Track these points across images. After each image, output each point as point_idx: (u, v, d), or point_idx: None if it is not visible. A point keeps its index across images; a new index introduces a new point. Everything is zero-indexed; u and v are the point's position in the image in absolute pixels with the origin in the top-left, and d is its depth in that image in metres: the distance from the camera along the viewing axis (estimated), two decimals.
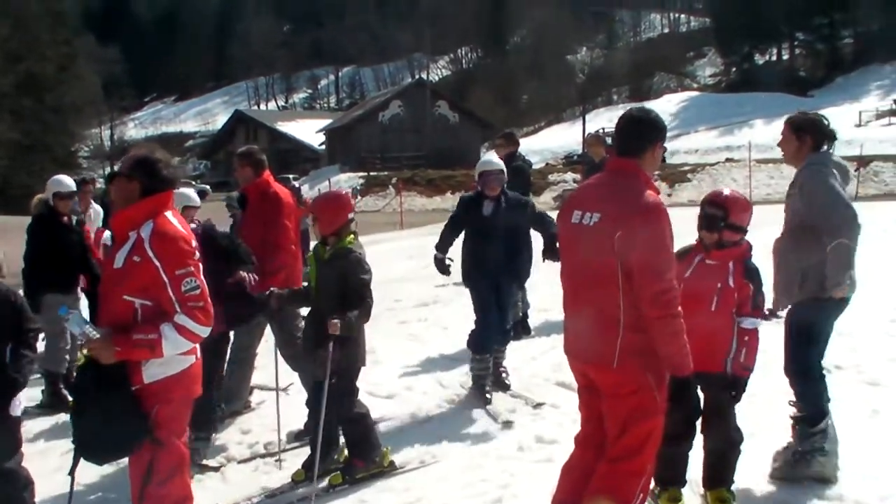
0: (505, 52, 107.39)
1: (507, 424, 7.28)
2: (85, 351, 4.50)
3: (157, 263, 4.38)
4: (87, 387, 4.51)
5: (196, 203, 7.79)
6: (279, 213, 7.78)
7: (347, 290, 6.11)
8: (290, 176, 45.69)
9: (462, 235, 8.43)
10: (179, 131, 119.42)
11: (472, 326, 8.31)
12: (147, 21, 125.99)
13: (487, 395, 7.99)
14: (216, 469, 6.90)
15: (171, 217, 4.58)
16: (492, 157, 8.77)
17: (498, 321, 8.18)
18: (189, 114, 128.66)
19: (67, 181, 9.21)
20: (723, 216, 5.24)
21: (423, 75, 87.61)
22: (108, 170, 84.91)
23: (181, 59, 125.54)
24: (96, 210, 10.76)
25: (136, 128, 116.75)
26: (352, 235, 6.32)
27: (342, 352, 6.13)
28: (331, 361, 6.04)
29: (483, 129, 73.07)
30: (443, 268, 8.48)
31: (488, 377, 8.17)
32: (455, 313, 11.85)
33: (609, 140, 11.81)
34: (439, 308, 12.87)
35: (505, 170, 8.25)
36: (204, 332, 4.48)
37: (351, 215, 6.38)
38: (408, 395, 8.44)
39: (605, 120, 63.36)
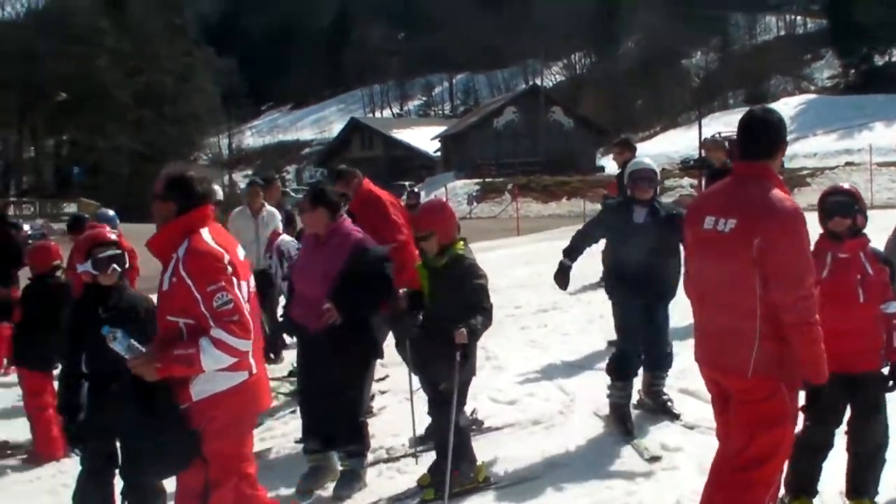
0: (618, 57, 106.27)
1: (655, 460, 6.66)
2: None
3: (189, 282, 4.40)
4: (134, 405, 4.56)
5: None
6: (384, 211, 7.88)
7: (464, 297, 5.97)
8: (407, 183, 46.39)
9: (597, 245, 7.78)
10: (296, 139, 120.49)
11: (593, 334, 8.04)
12: (263, 31, 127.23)
13: (628, 426, 7.25)
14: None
15: (207, 234, 4.57)
16: (644, 158, 7.98)
17: (642, 344, 7.43)
18: (305, 122, 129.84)
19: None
20: (853, 202, 5.20)
21: (537, 81, 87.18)
22: (226, 178, 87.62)
23: (297, 68, 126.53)
24: (269, 211, 10.73)
25: (253, 136, 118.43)
26: (461, 242, 6.23)
27: (466, 361, 5.99)
28: (458, 371, 5.90)
29: (597, 135, 72.40)
30: (564, 277, 7.52)
31: (627, 406, 7.44)
32: (575, 320, 11.82)
33: (728, 144, 11.63)
34: (559, 314, 12.80)
35: (657, 171, 7.68)
36: (243, 345, 4.44)
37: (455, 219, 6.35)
38: (530, 402, 8.38)
39: (720, 124, 61.93)
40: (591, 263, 9.85)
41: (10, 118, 70.24)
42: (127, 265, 5.87)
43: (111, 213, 10.94)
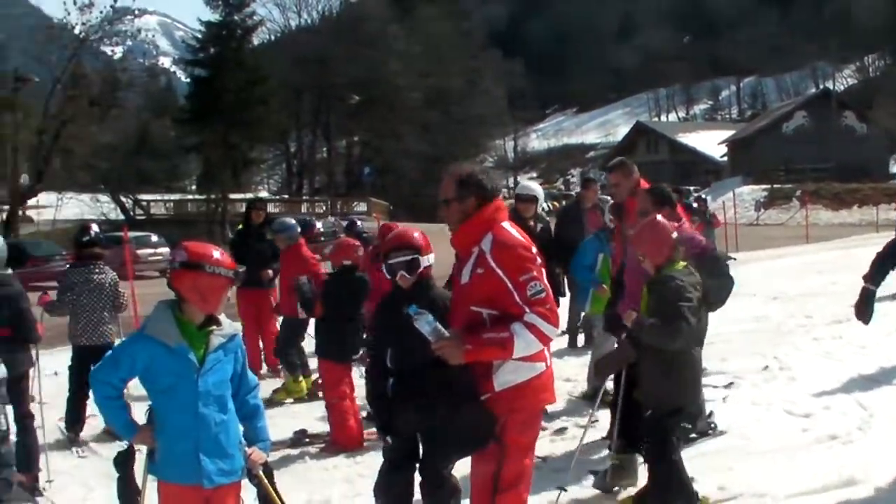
0: None
1: None
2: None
3: (500, 272, 4.48)
4: (434, 388, 4.71)
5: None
6: None
7: (661, 315, 5.71)
8: (692, 188, 44.61)
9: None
10: (580, 142, 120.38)
11: (892, 347, 7.51)
12: (549, 35, 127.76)
13: None
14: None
15: (508, 226, 4.70)
16: None
17: None
18: (590, 125, 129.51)
19: (533, 186, 9.73)
20: None
21: (828, 85, 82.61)
22: (511, 181, 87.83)
23: (582, 71, 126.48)
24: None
25: (538, 139, 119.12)
26: (681, 263, 6.01)
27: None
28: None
29: (891, 142, 69.20)
30: (867, 307, 6.64)
31: None
32: (873, 332, 10.57)
33: None
34: (855, 325, 11.31)
35: None
36: (554, 332, 4.53)
37: (676, 235, 6.07)
38: (825, 415, 7.90)
39: None
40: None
41: (305, 120, 72.36)
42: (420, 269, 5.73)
43: (292, 221, 11.12)
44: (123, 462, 4.81)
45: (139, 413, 4.76)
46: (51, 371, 10.33)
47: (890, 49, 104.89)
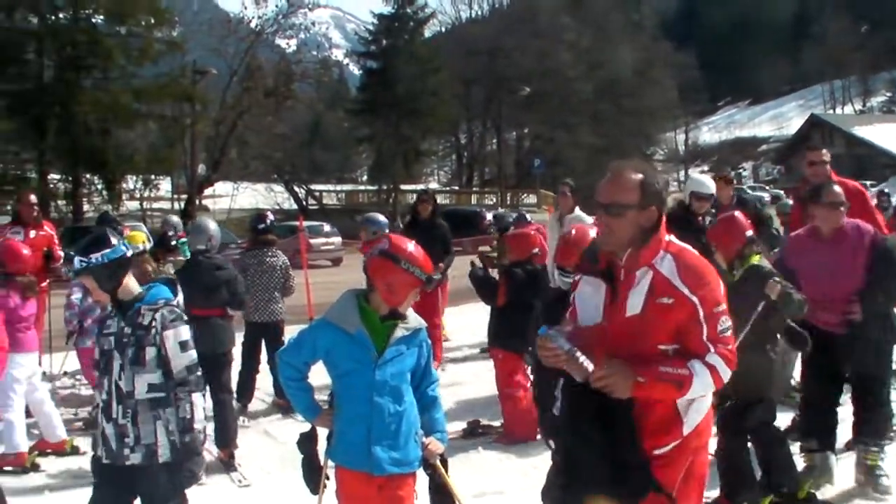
0: None
1: None
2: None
3: (696, 301, 3.67)
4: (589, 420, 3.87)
5: None
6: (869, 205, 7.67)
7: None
8: (868, 182, 41.64)
9: None
10: (753, 135, 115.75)
11: None
12: (721, 26, 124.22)
13: None
14: None
15: (680, 243, 3.85)
16: None
17: None
18: (763, 118, 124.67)
19: (708, 182, 9.30)
20: None
21: None
22: (682, 174, 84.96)
23: (755, 63, 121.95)
24: (576, 216, 10.18)
25: (709, 132, 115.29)
26: (757, 256, 6.28)
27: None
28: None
29: None
30: None
31: None
32: None
33: None
34: None
35: None
36: (728, 376, 3.75)
37: (749, 233, 6.31)
38: None
39: None
40: None
41: (475, 111, 71.51)
42: None
43: (381, 218, 11.16)
44: (307, 443, 4.81)
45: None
46: None
47: None
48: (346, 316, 4.57)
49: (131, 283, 4.92)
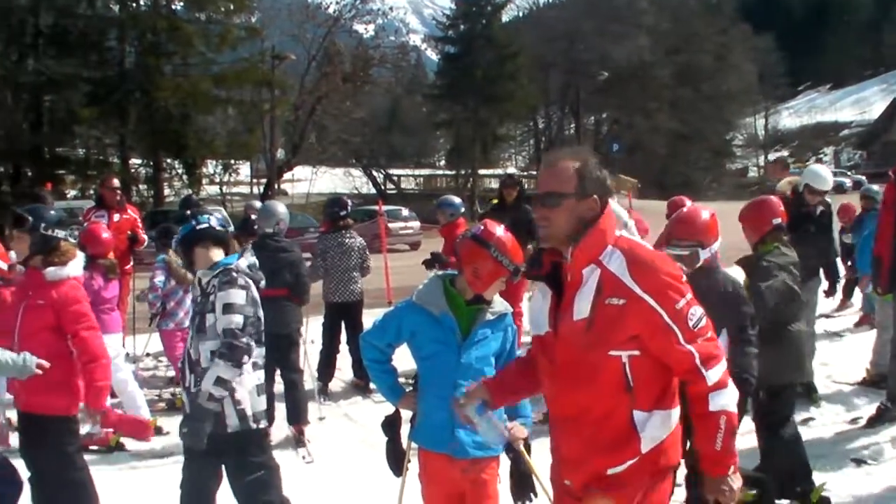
0: None
1: None
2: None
3: (650, 300, 3.21)
4: None
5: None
6: None
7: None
8: None
9: None
10: (834, 120, 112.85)
11: None
12: (802, 9, 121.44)
13: None
14: None
15: (629, 236, 3.42)
16: None
17: None
18: (844, 102, 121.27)
19: (825, 177, 8.96)
20: None
21: None
22: (762, 160, 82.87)
23: (836, 47, 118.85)
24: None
25: (790, 116, 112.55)
26: (775, 244, 6.23)
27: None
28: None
29: None
30: None
31: None
32: None
33: None
34: None
35: None
36: (722, 363, 3.33)
37: (777, 221, 6.31)
38: None
39: None
40: None
41: (553, 96, 70.69)
42: None
43: (457, 200, 11.09)
44: (390, 426, 4.78)
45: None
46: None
47: None
48: (432, 298, 4.51)
49: (209, 255, 5.06)
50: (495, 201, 12.17)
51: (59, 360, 5.41)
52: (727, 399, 3.28)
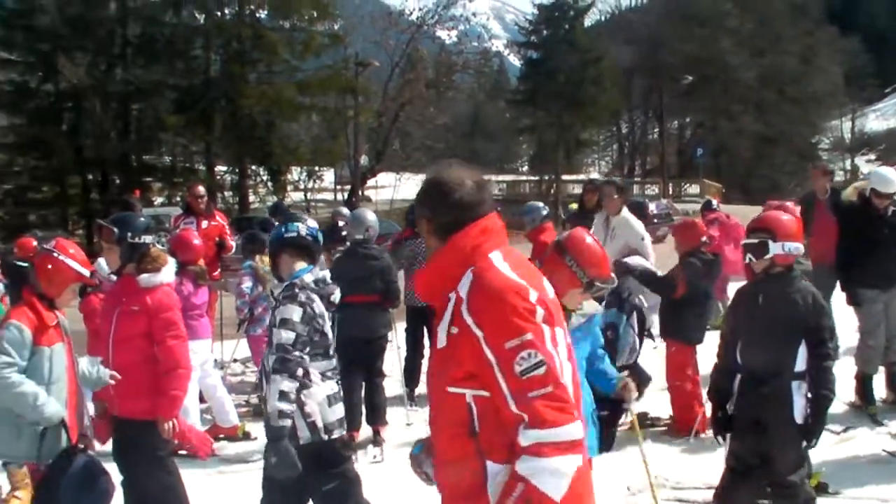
0: None
1: None
2: None
3: (478, 333, 2.77)
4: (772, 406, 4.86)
5: None
6: None
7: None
8: None
9: None
10: None
11: None
12: (889, 10, 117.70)
13: None
14: None
15: (499, 258, 2.88)
16: None
17: None
18: None
19: (892, 176, 8.24)
20: None
21: None
22: (848, 163, 79.94)
23: None
24: (623, 218, 9.32)
25: (877, 119, 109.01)
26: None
27: None
28: None
29: None
30: None
31: None
32: None
33: None
34: None
35: None
36: (575, 431, 2.74)
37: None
38: None
39: None
40: None
41: (636, 101, 69.55)
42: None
43: (540, 205, 10.93)
44: None
45: None
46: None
47: None
48: None
49: (291, 264, 5.00)
50: (574, 206, 12.10)
51: (150, 365, 5.49)
52: (537, 471, 2.69)
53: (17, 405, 5.15)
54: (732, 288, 7.08)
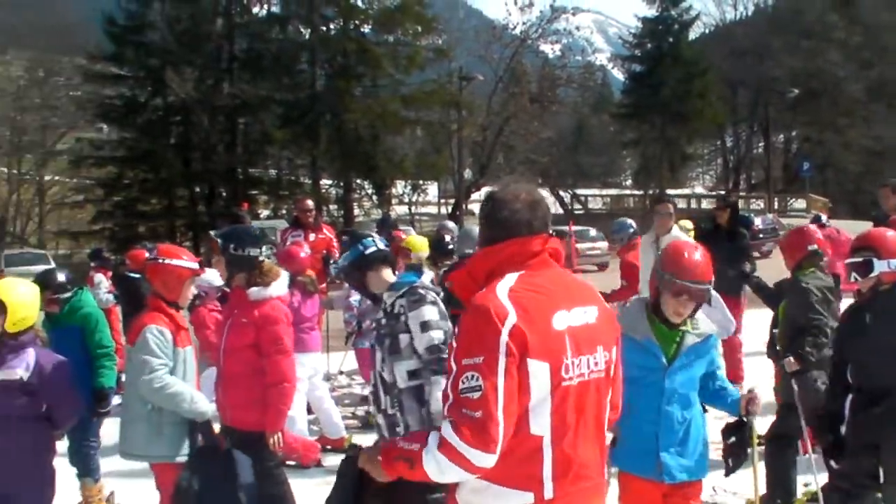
0: None
1: None
2: None
3: (454, 343, 2.92)
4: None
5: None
6: None
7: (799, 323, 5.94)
8: None
9: None
10: None
11: None
12: None
13: None
14: None
15: (509, 281, 2.88)
16: None
17: None
18: None
19: None
20: None
21: None
22: None
23: None
24: (671, 238, 8.85)
25: None
26: (812, 268, 6.25)
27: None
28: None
29: None
30: None
31: None
32: None
33: None
34: None
35: None
36: (480, 460, 2.70)
37: (813, 247, 6.33)
38: None
39: None
40: None
41: (741, 114, 67.72)
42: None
43: (628, 221, 10.52)
44: None
45: None
46: None
47: None
48: (634, 323, 4.39)
49: (383, 277, 4.85)
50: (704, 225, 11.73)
51: (259, 377, 5.53)
52: (432, 452, 2.72)
53: (174, 404, 5.25)
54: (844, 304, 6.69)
